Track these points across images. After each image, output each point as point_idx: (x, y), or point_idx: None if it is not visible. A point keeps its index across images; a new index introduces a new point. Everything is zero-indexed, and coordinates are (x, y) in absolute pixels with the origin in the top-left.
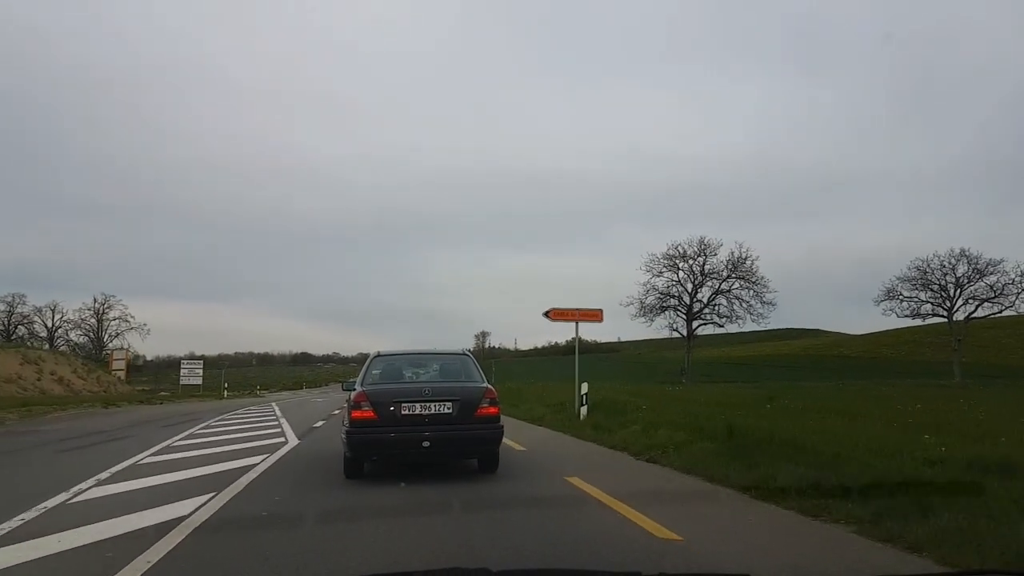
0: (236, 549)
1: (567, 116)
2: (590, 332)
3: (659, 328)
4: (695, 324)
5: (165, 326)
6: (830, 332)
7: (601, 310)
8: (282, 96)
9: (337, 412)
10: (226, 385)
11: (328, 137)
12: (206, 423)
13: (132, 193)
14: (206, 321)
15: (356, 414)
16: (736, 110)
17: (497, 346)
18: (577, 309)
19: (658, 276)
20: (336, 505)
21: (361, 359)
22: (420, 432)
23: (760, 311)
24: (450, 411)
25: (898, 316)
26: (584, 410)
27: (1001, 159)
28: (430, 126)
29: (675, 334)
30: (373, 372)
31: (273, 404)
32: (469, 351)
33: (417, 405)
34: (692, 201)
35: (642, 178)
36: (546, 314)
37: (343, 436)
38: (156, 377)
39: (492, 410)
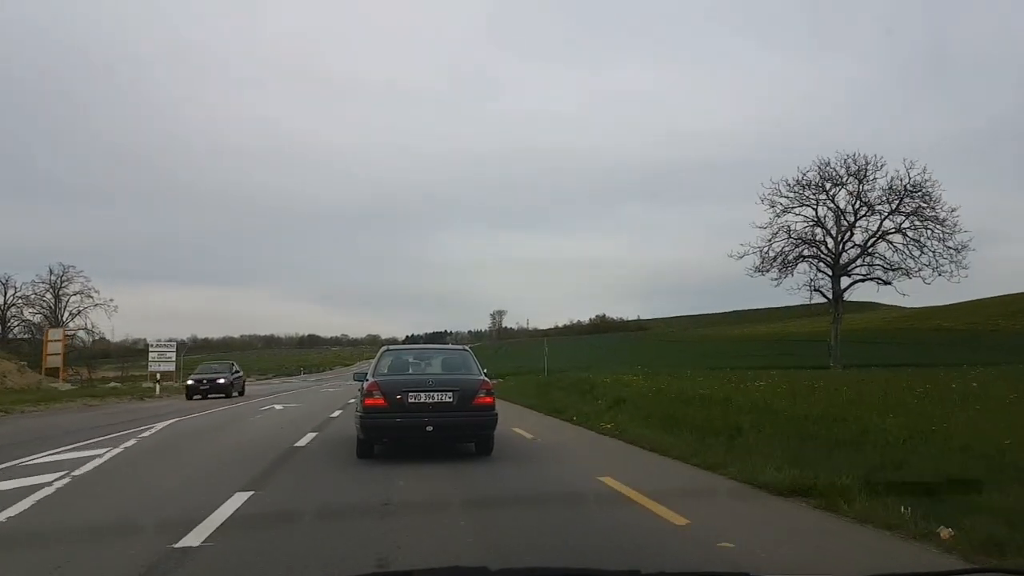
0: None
1: (579, 94)
2: (616, 309)
3: (790, 289)
4: (845, 282)
5: (173, 311)
6: (886, 305)
7: None
8: (290, 80)
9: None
10: (158, 378)
11: (337, 120)
12: None
13: (140, 178)
14: (215, 305)
15: (369, 401)
16: (747, 86)
17: (513, 327)
18: None
19: (785, 213)
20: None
21: (371, 341)
22: (424, 418)
23: (954, 260)
24: (451, 400)
25: None
26: None
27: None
28: (440, 107)
29: (816, 297)
30: (383, 364)
31: (140, 436)
32: (469, 347)
33: (422, 394)
34: (704, 178)
35: (652, 156)
36: None
37: (357, 421)
38: (123, 364)
39: (488, 400)
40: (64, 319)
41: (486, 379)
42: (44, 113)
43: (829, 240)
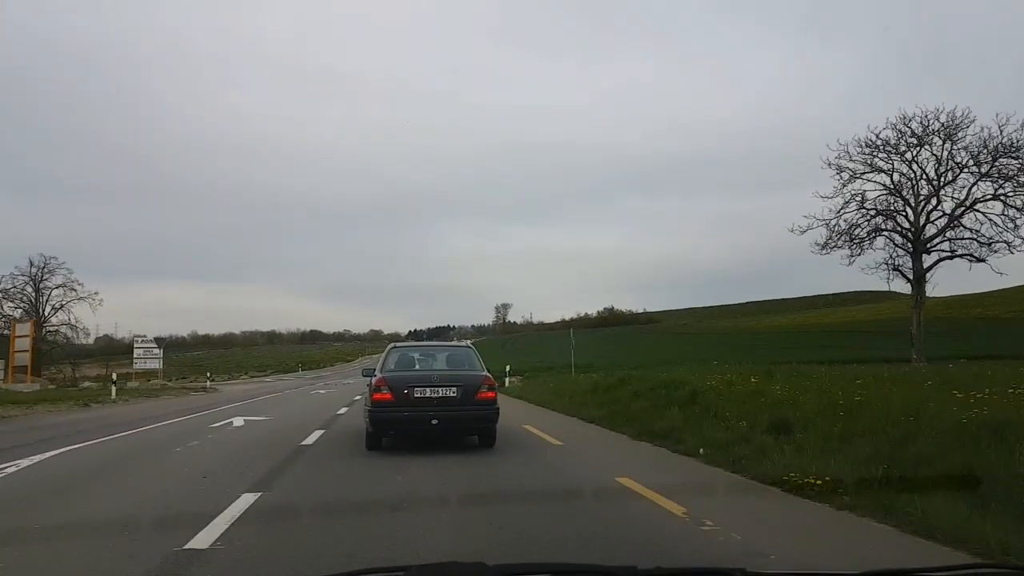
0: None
1: (582, 89)
2: (626, 302)
3: (866, 267)
4: (927, 260)
5: (175, 308)
6: (902, 295)
7: None
8: (290, 79)
9: None
10: (115, 379)
11: (337, 117)
12: None
13: (140, 177)
14: (217, 302)
15: (377, 396)
16: (753, 79)
17: (518, 321)
18: None
19: (854, 180)
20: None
21: (373, 337)
22: (429, 412)
23: None
24: (455, 395)
25: None
26: None
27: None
28: (441, 102)
29: (895, 277)
30: (390, 360)
31: None
32: (471, 343)
33: (427, 389)
34: (703, 170)
35: (653, 149)
36: None
37: (365, 415)
38: (108, 363)
39: (490, 395)
40: (46, 314)
41: (488, 375)
42: (44, 112)
43: (908, 211)
